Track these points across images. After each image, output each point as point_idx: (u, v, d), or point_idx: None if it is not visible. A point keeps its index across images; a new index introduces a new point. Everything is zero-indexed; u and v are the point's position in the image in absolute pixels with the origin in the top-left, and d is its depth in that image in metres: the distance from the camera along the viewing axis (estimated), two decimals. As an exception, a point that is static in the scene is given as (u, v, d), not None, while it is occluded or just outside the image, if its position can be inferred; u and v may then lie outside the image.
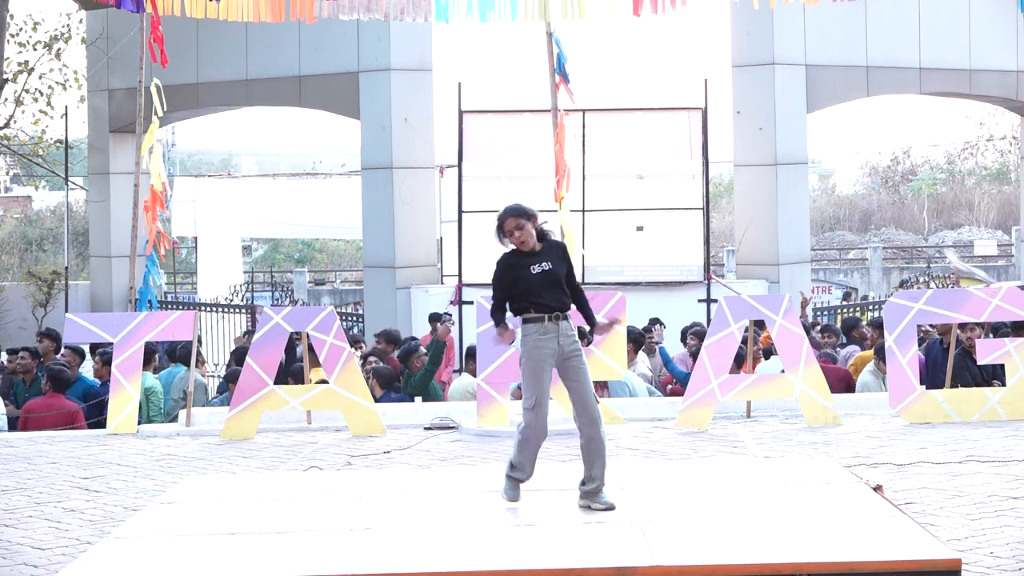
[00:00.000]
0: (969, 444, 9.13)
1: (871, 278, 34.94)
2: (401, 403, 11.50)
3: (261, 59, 21.11)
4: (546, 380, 6.83)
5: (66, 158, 25.01)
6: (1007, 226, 44.00)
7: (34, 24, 24.75)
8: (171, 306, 21.15)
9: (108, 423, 10.70)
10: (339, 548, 6.17)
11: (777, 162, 19.77)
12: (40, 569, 6.37)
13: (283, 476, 8.57)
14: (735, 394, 10.38)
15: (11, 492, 8.35)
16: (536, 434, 6.87)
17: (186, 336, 11.15)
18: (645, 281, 18.42)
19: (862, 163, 59.99)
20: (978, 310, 10.44)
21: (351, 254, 45.74)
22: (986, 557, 6.06)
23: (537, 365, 6.81)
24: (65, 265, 24.49)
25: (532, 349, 6.81)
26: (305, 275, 35.59)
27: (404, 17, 12.95)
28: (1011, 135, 47.62)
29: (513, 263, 6.93)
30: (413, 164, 20.03)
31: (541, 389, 6.81)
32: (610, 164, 19.12)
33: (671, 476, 7.84)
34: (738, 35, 19.89)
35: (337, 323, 10.46)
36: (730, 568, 5.71)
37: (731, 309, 10.41)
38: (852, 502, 6.77)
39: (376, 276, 20.09)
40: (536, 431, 6.85)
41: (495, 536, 6.36)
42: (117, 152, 22.82)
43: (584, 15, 12.84)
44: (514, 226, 6.89)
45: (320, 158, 48.17)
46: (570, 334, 6.87)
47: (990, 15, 21.56)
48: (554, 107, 13.32)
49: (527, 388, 6.85)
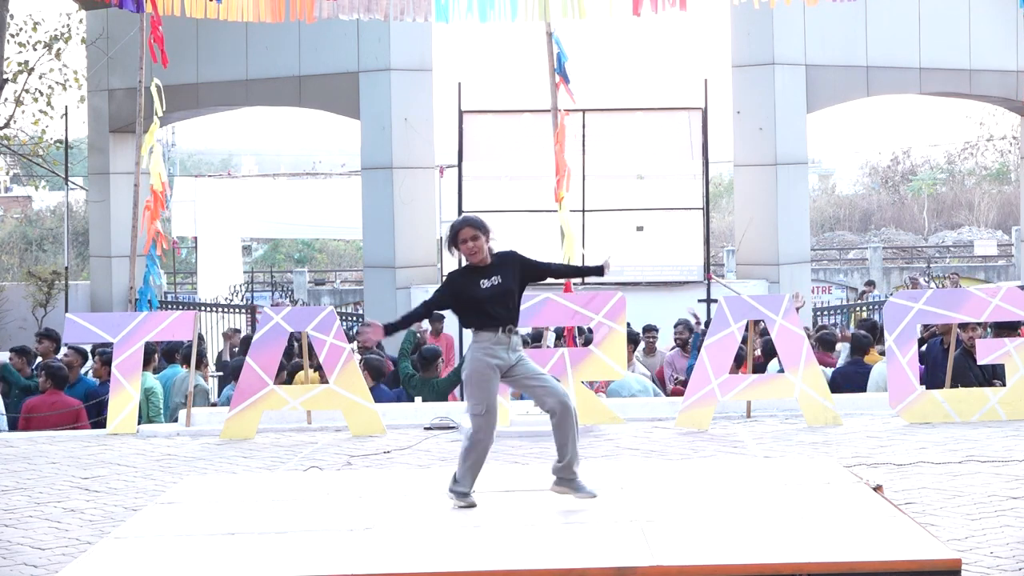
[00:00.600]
0: (969, 444, 9.13)
1: (871, 278, 34.90)
2: (398, 402, 11.50)
3: (261, 59, 21.12)
4: (494, 388, 6.98)
5: (66, 158, 25.01)
6: (1007, 226, 44.00)
7: (34, 24, 24.75)
8: (171, 306, 21.16)
9: (108, 423, 10.69)
10: (339, 548, 6.16)
11: (777, 162, 19.78)
12: (40, 569, 6.37)
13: (283, 476, 8.57)
14: (735, 394, 10.38)
15: (11, 492, 8.35)
16: (485, 439, 6.99)
17: (186, 336, 11.15)
18: (645, 281, 18.43)
19: (862, 163, 60.00)
20: (978, 310, 10.44)
21: (351, 254, 45.75)
22: (986, 557, 6.06)
23: (484, 374, 6.95)
24: (65, 265, 24.49)
25: (479, 360, 6.96)
26: (305, 275, 35.59)
27: (404, 17, 12.94)
28: (1011, 135, 47.63)
29: (464, 279, 7.04)
30: (413, 164, 20.04)
31: (491, 395, 6.96)
32: (610, 164, 19.14)
33: (671, 476, 7.83)
34: (738, 35, 19.91)
35: (337, 323, 10.46)
36: (730, 568, 5.71)
37: (731, 309, 10.41)
38: (852, 502, 6.77)
39: (376, 276, 20.11)
40: (485, 436, 6.98)
41: (495, 536, 6.35)
42: (117, 152, 22.84)
43: (584, 15, 12.83)
44: (470, 236, 6.99)
45: (320, 158, 48.20)
46: (518, 349, 7.05)
47: (990, 15, 21.58)
48: (554, 107, 13.31)
49: (476, 396, 6.97)
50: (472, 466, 7.02)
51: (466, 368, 7.05)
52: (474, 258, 7.03)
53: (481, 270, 7.03)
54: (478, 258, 7.02)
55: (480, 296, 6.98)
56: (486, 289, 6.98)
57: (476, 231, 7.02)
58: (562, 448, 6.97)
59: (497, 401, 7.06)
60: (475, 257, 7.03)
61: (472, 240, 7.00)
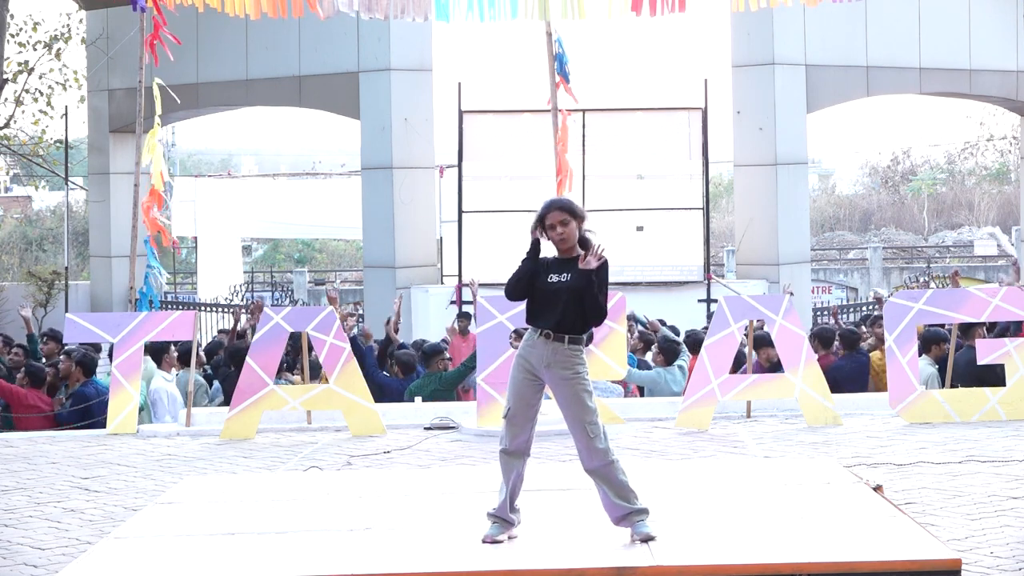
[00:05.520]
0: (969, 444, 9.13)
1: (871, 278, 34.90)
2: (400, 403, 11.51)
3: (261, 59, 21.12)
4: (525, 392, 6.24)
5: (66, 158, 25.01)
6: (1007, 226, 43.98)
7: (34, 24, 24.76)
8: (171, 306, 21.16)
9: (108, 423, 10.69)
10: (339, 548, 6.17)
11: (777, 162, 19.78)
12: (40, 569, 6.37)
13: (283, 476, 8.57)
14: (735, 394, 10.38)
15: (11, 492, 8.35)
16: (508, 448, 6.24)
17: (186, 336, 11.16)
18: (645, 281, 18.43)
19: (862, 163, 59.95)
20: (978, 310, 10.44)
21: (351, 254, 45.70)
22: (986, 557, 6.06)
23: (514, 375, 6.29)
24: (65, 265, 24.50)
25: (517, 356, 6.35)
26: (305, 275, 35.57)
27: (404, 16, 12.92)
28: (1011, 135, 47.58)
29: (546, 264, 6.26)
30: (413, 164, 20.04)
31: (518, 399, 6.24)
32: (610, 164, 19.15)
33: (671, 476, 7.84)
34: (738, 35, 19.91)
35: (337, 323, 10.46)
36: (730, 568, 5.71)
37: (731, 309, 10.41)
38: (852, 502, 6.77)
39: (376, 276, 20.10)
40: (508, 445, 6.24)
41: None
42: (117, 152, 22.85)
43: (584, 15, 12.82)
44: (558, 220, 6.21)
45: (320, 158, 48.12)
46: (560, 360, 6.20)
47: (990, 15, 21.58)
48: (554, 107, 13.31)
49: (507, 395, 6.35)
50: (504, 484, 6.26)
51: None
52: (563, 246, 6.24)
53: (563, 263, 6.24)
54: (566, 246, 6.23)
55: (539, 287, 6.23)
56: (550, 283, 6.20)
57: (566, 215, 6.22)
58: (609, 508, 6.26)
59: (528, 411, 6.26)
60: (563, 245, 6.23)
61: (562, 226, 6.21)
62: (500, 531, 6.23)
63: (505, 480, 6.27)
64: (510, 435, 6.25)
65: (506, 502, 6.26)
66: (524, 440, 6.28)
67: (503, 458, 6.28)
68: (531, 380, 6.27)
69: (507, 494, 6.25)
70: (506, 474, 6.27)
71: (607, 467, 6.21)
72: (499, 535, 6.21)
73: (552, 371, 6.23)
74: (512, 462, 6.27)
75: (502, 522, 6.25)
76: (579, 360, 6.28)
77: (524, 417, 6.27)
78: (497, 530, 6.23)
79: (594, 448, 6.19)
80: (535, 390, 6.29)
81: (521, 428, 6.26)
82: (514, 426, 6.25)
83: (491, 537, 6.19)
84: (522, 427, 6.26)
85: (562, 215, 6.22)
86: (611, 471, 6.21)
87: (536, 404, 6.32)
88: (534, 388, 6.28)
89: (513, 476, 6.27)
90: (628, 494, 6.22)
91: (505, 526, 6.25)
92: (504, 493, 6.26)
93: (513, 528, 6.28)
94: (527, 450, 6.32)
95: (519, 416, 6.25)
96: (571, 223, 6.23)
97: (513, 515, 6.29)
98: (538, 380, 6.28)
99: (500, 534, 6.21)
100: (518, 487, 6.30)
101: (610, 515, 6.25)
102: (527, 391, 6.27)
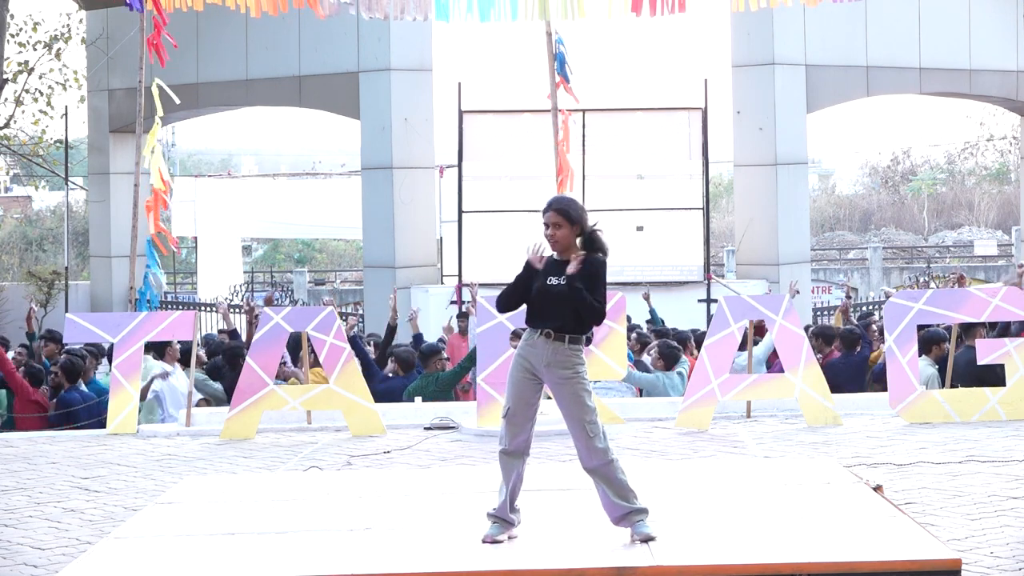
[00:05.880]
0: (969, 444, 9.13)
1: (871, 278, 34.90)
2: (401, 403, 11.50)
3: (261, 59, 21.11)
4: (524, 392, 6.24)
5: (66, 158, 25.01)
6: (1007, 226, 43.98)
7: (34, 24, 24.77)
8: (171, 306, 21.16)
9: (108, 423, 10.69)
10: (339, 548, 6.17)
11: (777, 162, 19.79)
12: (40, 569, 6.37)
13: (283, 476, 8.57)
14: (735, 394, 10.37)
15: (11, 492, 8.35)
16: (507, 448, 6.24)
17: (186, 336, 11.15)
18: (645, 281, 18.42)
19: (862, 163, 59.95)
20: (978, 310, 10.43)
21: (351, 254, 45.69)
22: (986, 557, 6.06)
23: (513, 373, 6.30)
24: (65, 265, 24.50)
25: (515, 355, 6.36)
26: (305, 275, 35.57)
27: (404, 16, 12.93)
28: (1011, 135, 47.59)
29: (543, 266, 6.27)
30: (413, 164, 20.04)
31: (516, 398, 6.24)
32: (610, 164, 19.15)
33: (671, 476, 7.84)
34: (738, 35, 19.91)
35: (337, 323, 10.46)
36: (730, 568, 5.71)
37: (731, 309, 10.41)
38: (852, 502, 6.77)
39: (376, 276, 20.11)
40: (507, 444, 6.24)
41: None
42: (117, 152, 22.85)
43: (584, 15, 12.83)
44: (552, 221, 6.27)
45: (320, 158, 48.11)
46: (560, 359, 6.21)
47: (990, 15, 21.59)
48: (554, 107, 13.31)
49: (506, 394, 6.36)
50: (504, 484, 6.26)
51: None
52: (555, 247, 6.29)
53: (562, 264, 6.24)
54: (557, 248, 6.28)
55: (539, 289, 6.25)
56: (549, 285, 6.22)
57: (560, 218, 6.26)
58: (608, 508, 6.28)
59: (527, 410, 6.26)
60: (555, 247, 6.29)
61: (554, 227, 6.26)
62: (500, 531, 6.24)
63: (505, 480, 6.28)
64: (510, 435, 6.27)
65: (506, 502, 6.27)
66: (524, 440, 6.29)
67: (503, 458, 6.29)
68: (530, 379, 6.29)
69: (507, 494, 6.27)
70: (506, 474, 6.28)
71: (606, 466, 6.23)
72: (499, 535, 6.22)
73: (552, 370, 6.25)
74: (512, 462, 6.28)
75: (502, 522, 6.27)
76: (579, 360, 6.30)
77: (523, 416, 6.28)
78: (497, 530, 6.24)
79: (593, 447, 6.20)
80: (534, 389, 6.30)
81: (520, 427, 6.27)
82: (513, 425, 6.26)
83: (491, 537, 6.21)
84: (521, 426, 6.27)
85: (556, 217, 6.27)
86: (610, 470, 6.24)
87: (535, 403, 6.32)
88: (533, 387, 6.30)
89: (513, 476, 6.28)
90: (628, 494, 6.24)
91: (505, 526, 6.26)
92: (504, 493, 6.27)
93: (513, 528, 6.29)
94: (527, 450, 6.33)
95: (518, 415, 6.27)
96: (563, 227, 6.26)
97: (513, 515, 6.30)
98: (537, 379, 6.29)
99: (500, 534, 6.22)
100: (518, 487, 6.31)
101: (610, 515, 6.27)
102: (526, 390, 6.28)
